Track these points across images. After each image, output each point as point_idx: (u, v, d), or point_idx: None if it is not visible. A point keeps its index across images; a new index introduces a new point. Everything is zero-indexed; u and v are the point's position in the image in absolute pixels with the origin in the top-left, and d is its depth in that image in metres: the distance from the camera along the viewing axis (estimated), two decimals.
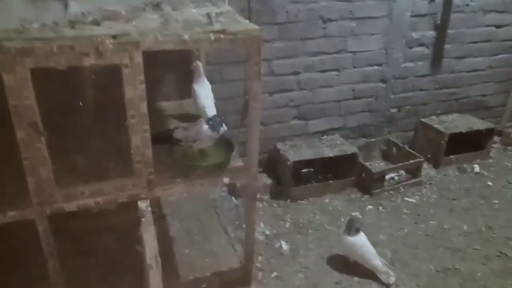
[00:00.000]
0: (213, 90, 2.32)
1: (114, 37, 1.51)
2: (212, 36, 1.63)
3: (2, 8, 1.78)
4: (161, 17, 1.80)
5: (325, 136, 3.32)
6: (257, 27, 1.72)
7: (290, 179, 3.01)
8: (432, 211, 3.01)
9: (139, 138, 1.68)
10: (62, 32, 1.52)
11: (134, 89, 1.59)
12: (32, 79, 1.47)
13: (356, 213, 2.32)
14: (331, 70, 3.14)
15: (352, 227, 2.30)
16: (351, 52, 3.12)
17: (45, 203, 1.67)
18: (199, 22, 1.75)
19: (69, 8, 1.82)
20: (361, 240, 2.30)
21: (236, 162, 2.06)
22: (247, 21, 1.87)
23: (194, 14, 1.91)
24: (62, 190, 1.68)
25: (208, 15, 1.85)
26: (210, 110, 2.22)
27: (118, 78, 1.59)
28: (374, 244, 2.42)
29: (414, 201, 3.12)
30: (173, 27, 1.67)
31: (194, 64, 2.31)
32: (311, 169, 3.17)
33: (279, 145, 3.15)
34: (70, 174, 1.75)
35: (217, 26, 1.71)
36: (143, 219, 1.73)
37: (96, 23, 1.64)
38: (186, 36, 1.59)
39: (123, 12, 1.74)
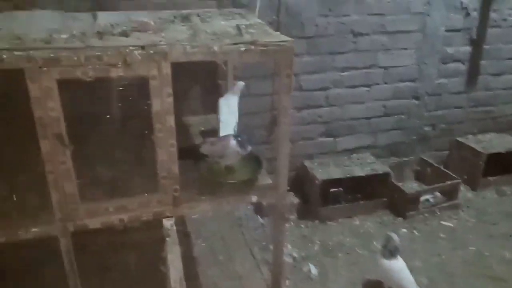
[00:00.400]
0: (239, 104, 2.25)
1: (142, 47, 1.46)
2: (242, 48, 1.56)
3: (30, 19, 1.77)
4: (190, 29, 1.75)
5: (354, 154, 3.19)
6: (289, 38, 1.65)
7: (318, 199, 2.89)
8: (470, 236, 2.82)
9: (165, 152, 1.62)
10: (89, 42, 1.48)
11: (161, 102, 1.53)
12: (58, 90, 1.43)
13: (393, 233, 2.17)
14: (361, 86, 3.04)
15: (389, 249, 2.15)
16: (382, 67, 3.02)
17: (68, 219, 1.61)
18: (229, 34, 1.69)
19: (97, 20, 1.80)
20: (398, 264, 2.15)
21: (264, 179, 1.97)
22: (277, 33, 1.80)
23: (223, 26, 1.86)
24: (86, 206, 1.62)
25: (238, 27, 1.80)
26: (226, 127, 2.12)
27: (145, 90, 1.55)
28: (409, 270, 2.26)
29: (451, 225, 2.93)
30: (202, 38, 1.62)
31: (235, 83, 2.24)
32: (341, 189, 3.04)
33: (307, 163, 3.05)
34: (94, 189, 1.70)
35: (247, 38, 1.65)
36: (168, 239, 1.64)
37: (124, 34, 1.60)
38: (215, 48, 1.52)
39: (152, 23, 1.70)
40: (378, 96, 3.11)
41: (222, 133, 2.06)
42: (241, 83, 2.23)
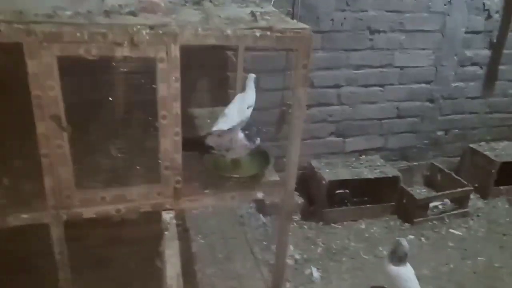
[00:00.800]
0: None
1: (151, 27, 1.36)
2: (257, 33, 1.46)
3: None
4: (203, 13, 1.65)
5: (363, 156, 3.08)
6: (307, 26, 1.55)
7: (324, 200, 2.79)
8: (480, 246, 2.72)
9: (169, 141, 1.52)
10: (95, 19, 1.38)
11: (168, 87, 1.44)
12: (59, 69, 1.33)
13: (401, 239, 2.07)
14: (375, 85, 2.92)
15: (398, 255, 2.04)
16: (398, 67, 2.91)
17: (61, 206, 1.51)
18: (243, 19, 1.59)
19: (106, 1, 1.70)
20: (407, 272, 2.04)
21: (272, 176, 1.87)
22: (294, 21, 1.70)
23: (237, 11, 1.76)
24: (81, 194, 1.53)
25: (253, 13, 1.69)
26: (223, 123, 1.97)
27: (151, 74, 1.45)
28: (417, 278, 2.15)
29: (460, 233, 2.83)
30: (215, 22, 1.52)
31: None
32: (347, 191, 2.93)
33: (314, 163, 2.94)
34: (91, 176, 1.61)
35: (262, 23, 1.54)
36: (166, 233, 1.55)
37: (133, 13, 1.50)
38: (229, 31, 1.42)
39: (162, 5, 1.59)
40: (392, 97, 2.99)
41: (219, 126, 1.95)
42: (252, 75, 2.12)
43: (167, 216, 1.62)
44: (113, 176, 1.65)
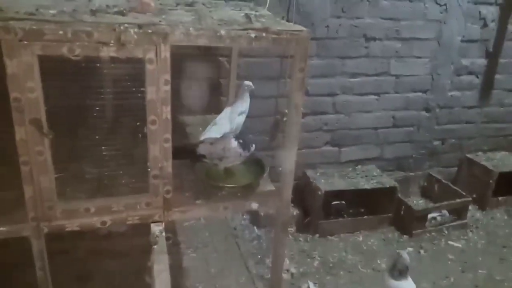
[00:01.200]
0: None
1: (139, 26, 1.29)
2: (252, 34, 1.38)
3: None
4: (195, 14, 1.59)
5: (359, 166, 3.01)
6: (304, 28, 1.48)
7: (320, 211, 2.70)
8: (480, 259, 2.64)
9: (159, 148, 1.43)
10: (80, 17, 1.30)
11: (157, 90, 1.36)
12: (40, 69, 1.25)
13: (402, 251, 1.98)
14: (371, 94, 2.87)
15: (398, 268, 1.95)
16: (394, 75, 2.86)
17: (43, 218, 1.41)
18: (237, 21, 1.52)
19: (94, 1, 1.62)
20: (408, 286, 1.95)
21: (267, 185, 1.79)
22: (291, 23, 1.63)
23: (231, 14, 1.70)
24: (64, 205, 1.43)
25: (247, 15, 1.63)
26: (212, 131, 1.91)
27: (140, 77, 1.37)
28: None
29: (459, 245, 2.75)
30: (208, 22, 1.45)
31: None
32: (343, 202, 2.85)
33: (309, 173, 2.86)
34: (74, 186, 1.50)
35: (257, 25, 1.48)
36: (155, 247, 1.45)
37: (121, 13, 1.43)
38: (222, 31, 1.35)
39: (152, 5, 1.52)
40: (388, 105, 2.94)
41: (207, 134, 1.87)
42: (246, 83, 2.05)
43: (156, 228, 1.53)
44: (98, 185, 1.55)
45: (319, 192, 2.65)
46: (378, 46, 2.73)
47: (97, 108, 1.52)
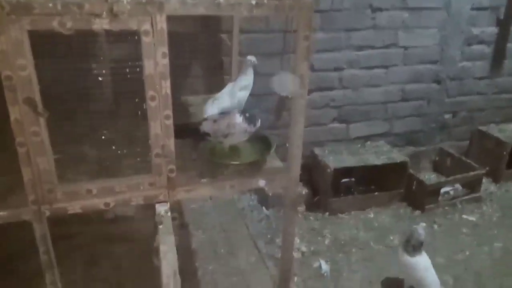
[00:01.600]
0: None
1: None
2: (253, 1, 1.31)
3: None
4: None
5: (369, 142, 2.94)
6: None
7: (329, 189, 2.65)
8: (495, 232, 2.59)
9: (159, 125, 1.37)
10: None
11: (155, 64, 1.29)
12: (32, 45, 1.19)
13: (417, 226, 1.93)
14: (378, 67, 2.78)
15: (412, 243, 1.90)
16: (402, 47, 2.76)
17: (43, 201, 1.37)
18: None
19: None
20: (424, 261, 1.90)
21: (274, 162, 1.73)
22: None
23: None
24: (65, 187, 1.38)
25: None
26: (212, 107, 1.85)
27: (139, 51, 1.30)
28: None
29: (473, 219, 2.69)
30: None
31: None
32: (353, 179, 2.79)
33: (317, 150, 2.80)
34: (75, 167, 1.46)
35: None
36: (160, 227, 1.40)
37: None
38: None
39: None
40: (396, 79, 2.85)
41: (208, 111, 1.81)
42: (250, 58, 1.98)
43: (161, 208, 1.48)
44: (100, 166, 1.50)
45: (328, 170, 2.59)
46: (385, 16, 2.63)
47: (95, 87, 1.46)
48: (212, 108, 1.80)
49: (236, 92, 1.91)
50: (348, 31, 2.61)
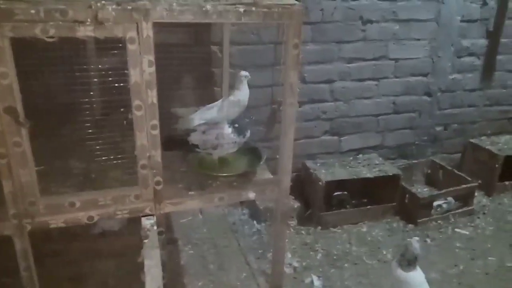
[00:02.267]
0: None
1: (118, 3, 1.19)
2: (241, 8, 1.29)
3: None
4: None
5: (361, 155, 2.92)
6: (296, 2, 1.39)
7: (322, 203, 2.61)
8: (489, 246, 2.55)
9: (146, 135, 1.34)
10: None
11: (141, 72, 1.26)
12: (14, 54, 1.16)
13: (412, 240, 1.88)
14: (370, 79, 2.77)
15: (407, 258, 1.85)
16: (392, 59, 2.76)
17: (25, 215, 1.32)
18: None
19: None
20: (418, 276, 1.85)
21: (264, 174, 1.70)
22: None
23: None
24: (47, 200, 1.33)
25: None
26: (195, 119, 1.79)
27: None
28: None
29: (467, 233, 2.66)
30: None
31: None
32: (345, 192, 2.76)
33: (309, 163, 2.77)
34: (58, 179, 1.41)
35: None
36: (145, 241, 1.35)
37: None
38: (208, 6, 1.26)
39: None
40: (388, 91, 2.85)
41: (196, 120, 1.77)
42: (243, 73, 1.94)
43: (147, 222, 1.44)
44: (85, 178, 1.46)
45: (320, 183, 2.56)
46: (375, 28, 2.63)
47: (81, 97, 1.43)
48: (200, 118, 1.75)
49: (228, 106, 1.86)
50: (339, 43, 2.61)
